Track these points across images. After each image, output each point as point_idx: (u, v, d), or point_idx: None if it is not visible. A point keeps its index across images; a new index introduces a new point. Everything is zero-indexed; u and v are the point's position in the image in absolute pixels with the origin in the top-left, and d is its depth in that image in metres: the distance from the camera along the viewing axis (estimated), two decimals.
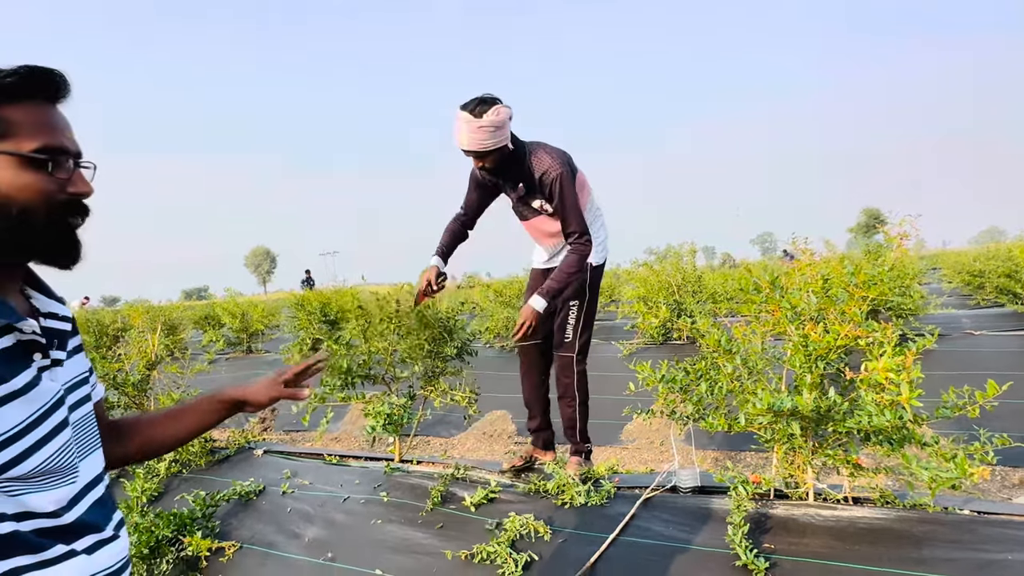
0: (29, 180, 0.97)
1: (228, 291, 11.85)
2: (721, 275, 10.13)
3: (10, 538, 0.94)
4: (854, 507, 2.36)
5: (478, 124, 2.88)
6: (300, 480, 3.36)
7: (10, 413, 0.93)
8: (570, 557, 2.45)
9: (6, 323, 0.96)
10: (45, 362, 1.03)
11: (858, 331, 2.25)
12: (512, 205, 3.35)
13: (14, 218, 0.97)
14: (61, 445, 1.01)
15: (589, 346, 3.36)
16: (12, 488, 0.94)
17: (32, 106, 0.99)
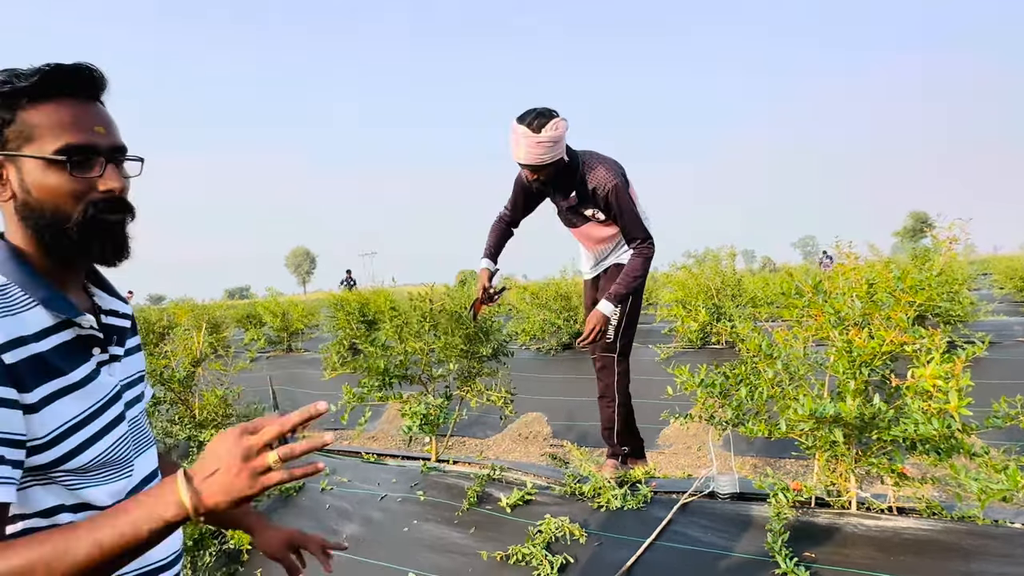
0: (55, 182, 0.98)
1: (269, 290, 12.09)
2: (761, 279, 9.97)
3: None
4: (899, 517, 2.30)
5: (536, 139, 2.88)
6: (338, 477, 3.41)
7: (68, 406, 0.96)
8: (606, 561, 2.44)
9: (65, 318, 0.99)
10: (103, 357, 1.06)
11: (904, 337, 2.19)
12: (559, 212, 3.38)
13: (47, 220, 0.99)
14: (117, 439, 1.05)
15: (631, 348, 3.36)
16: (71, 481, 0.98)
17: (55, 106, 0.99)
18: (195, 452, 3.97)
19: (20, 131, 0.97)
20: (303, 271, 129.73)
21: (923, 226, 73.74)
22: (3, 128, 0.97)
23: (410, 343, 3.53)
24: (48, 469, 0.95)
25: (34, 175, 0.98)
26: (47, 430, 0.93)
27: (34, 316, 0.96)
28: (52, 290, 0.99)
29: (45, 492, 0.95)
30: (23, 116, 0.97)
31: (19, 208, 0.99)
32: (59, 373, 0.96)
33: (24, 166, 0.98)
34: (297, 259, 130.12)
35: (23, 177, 0.98)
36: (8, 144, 0.97)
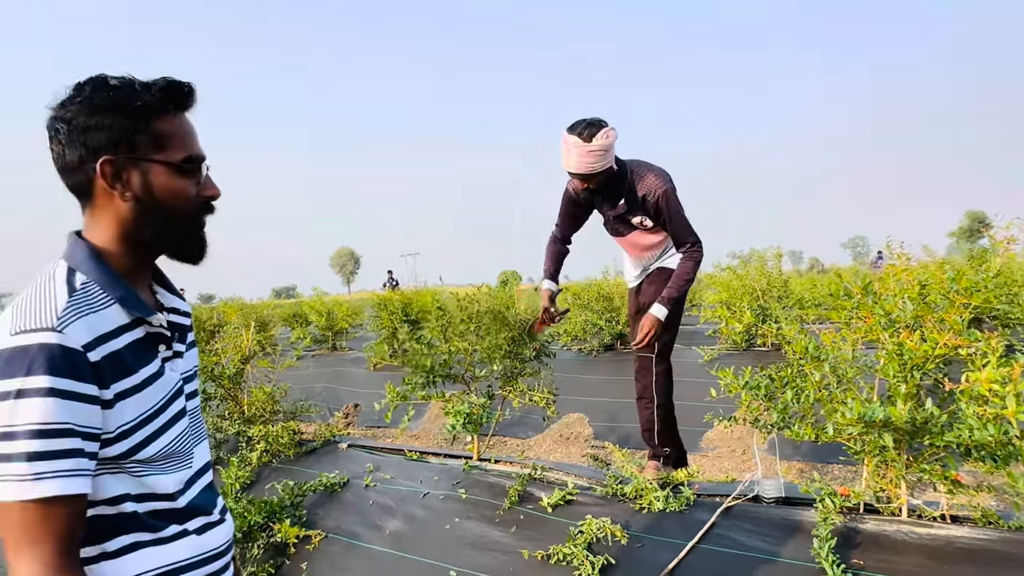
0: (178, 186, 1.08)
1: (315, 290, 12.33)
2: (809, 280, 9.77)
3: (131, 517, 1.03)
4: (952, 526, 2.23)
5: (588, 148, 2.92)
6: (382, 474, 3.46)
7: (140, 400, 1.02)
8: (647, 562, 2.43)
9: (137, 316, 1.05)
10: (167, 353, 1.12)
11: (959, 340, 2.12)
12: (605, 222, 3.43)
13: (164, 220, 1.08)
14: (180, 431, 1.11)
15: (670, 349, 3.34)
16: (139, 470, 1.04)
17: (173, 117, 1.09)
18: (244, 447, 4.08)
19: (151, 139, 1.05)
20: (347, 271, 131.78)
21: (980, 226, 71.11)
22: (135, 135, 1.04)
23: (454, 343, 3.56)
24: (118, 460, 1.01)
25: (160, 179, 1.07)
26: (118, 424, 0.99)
27: (112, 314, 1.01)
28: (128, 289, 1.05)
29: (114, 480, 1.01)
30: (154, 125, 1.06)
31: (136, 208, 1.06)
32: (131, 370, 1.02)
33: (151, 170, 1.06)
34: (341, 259, 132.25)
35: (149, 180, 1.06)
36: (139, 149, 1.05)
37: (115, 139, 1.03)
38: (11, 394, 0.89)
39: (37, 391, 0.89)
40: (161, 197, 1.07)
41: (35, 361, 0.90)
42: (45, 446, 0.90)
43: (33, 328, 0.93)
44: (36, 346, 0.91)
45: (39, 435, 0.89)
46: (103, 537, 1.01)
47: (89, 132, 1.02)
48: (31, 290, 0.99)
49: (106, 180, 1.04)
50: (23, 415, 0.89)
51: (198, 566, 1.11)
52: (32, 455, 0.89)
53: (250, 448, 3.99)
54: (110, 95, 1.03)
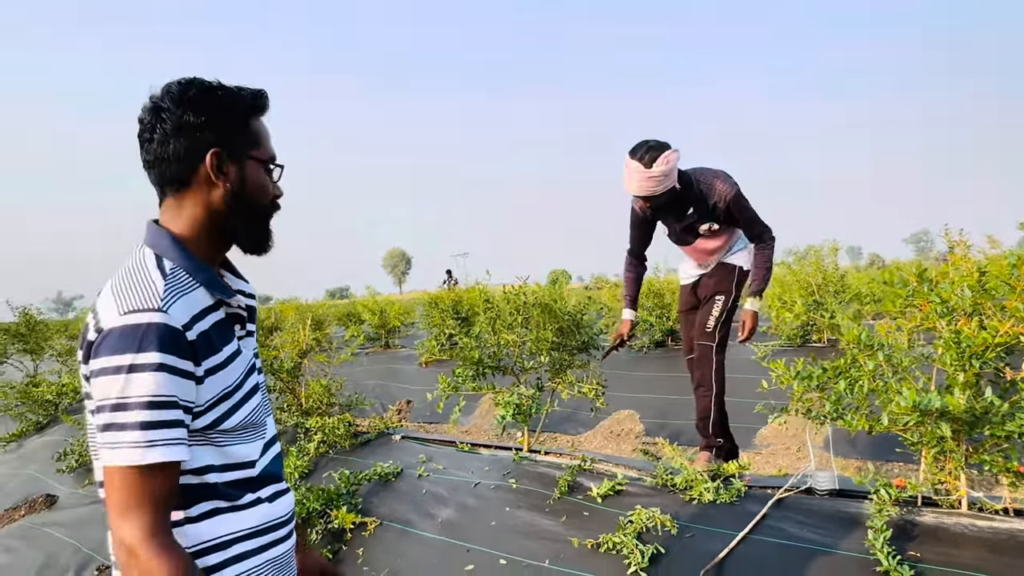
0: (264, 182, 1.22)
1: (368, 289, 12.57)
2: (867, 275, 9.50)
3: (212, 487, 1.12)
4: (1015, 519, 2.17)
5: (648, 174, 3.02)
6: (434, 465, 3.53)
7: (222, 377, 1.12)
8: (698, 552, 2.43)
9: (219, 298, 1.15)
10: (242, 332, 1.22)
11: (1021, 327, 2.07)
12: (670, 233, 3.53)
13: (249, 211, 1.20)
14: (256, 404, 1.20)
15: (728, 340, 3.39)
16: (222, 440, 1.13)
17: (262, 122, 1.23)
18: (302, 438, 4.22)
19: (249, 138, 1.19)
20: (399, 271, 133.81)
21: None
22: (237, 134, 1.17)
23: (503, 335, 3.61)
24: (204, 431, 1.10)
25: (253, 174, 1.20)
26: (205, 398, 1.09)
27: (199, 296, 1.11)
28: (211, 273, 1.15)
29: (201, 451, 1.10)
30: (254, 125, 1.21)
31: (229, 198, 1.18)
32: (217, 348, 1.11)
33: (248, 166, 1.19)
34: (393, 260, 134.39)
35: (245, 174, 1.19)
36: (240, 145, 1.18)
37: (221, 135, 1.15)
38: (124, 368, 0.99)
39: (148, 366, 0.99)
40: (251, 190, 1.19)
41: (145, 338, 1.00)
42: (156, 416, 0.99)
43: (141, 308, 1.02)
44: (145, 324, 1.01)
45: (150, 406, 0.99)
46: (187, 503, 1.10)
47: (199, 128, 1.14)
48: (125, 274, 1.09)
49: (212, 170, 1.15)
50: (136, 387, 0.99)
51: (268, 531, 1.20)
52: (145, 424, 0.98)
53: (308, 439, 4.12)
54: (218, 95, 1.15)
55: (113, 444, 0.98)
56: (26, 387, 6.59)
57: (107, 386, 0.99)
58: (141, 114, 1.15)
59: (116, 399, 0.99)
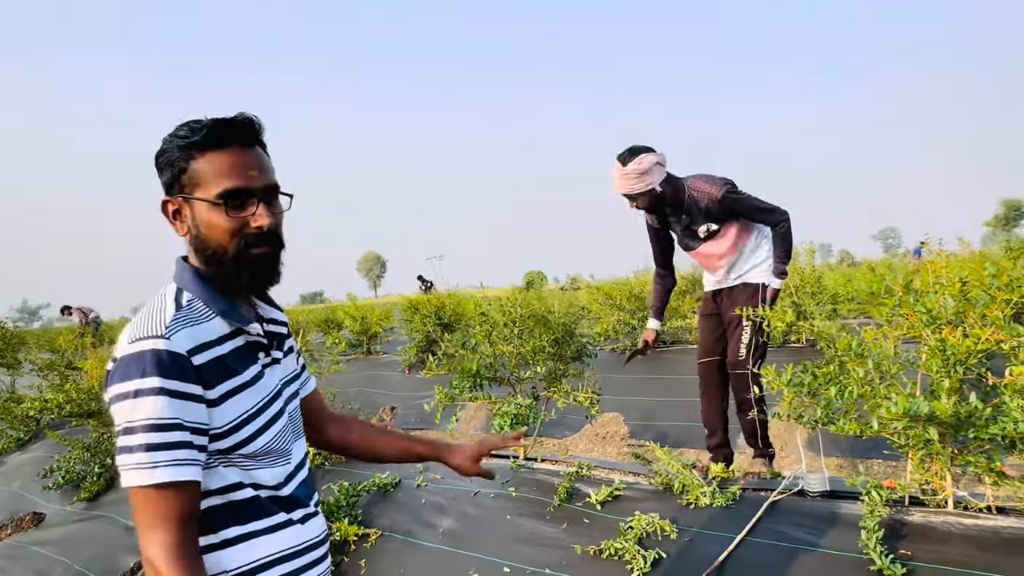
0: (217, 220, 1.17)
1: (349, 296, 12.53)
2: (842, 275, 9.72)
3: (252, 502, 1.18)
4: (999, 517, 2.28)
5: (623, 172, 3.28)
6: (432, 474, 3.58)
7: (242, 401, 1.16)
8: (698, 555, 2.51)
9: (237, 327, 1.19)
10: (267, 360, 1.26)
11: (1001, 335, 2.18)
12: (679, 241, 3.69)
13: (211, 252, 1.19)
14: (279, 430, 1.24)
15: (763, 362, 3.49)
16: (246, 464, 1.18)
17: (219, 155, 1.17)
18: None
19: (192, 178, 1.17)
20: (374, 275, 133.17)
21: (1016, 214, 69.54)
22: (182, 175, 1.18)
23: (499, 346, 3.67)
24: (228, 453, 1.15)
25: (202, 215, 1.18)
26: (225, 421, 1.13)
27: (215, 325, 1.17)
28: (227, 303, 1.20)
29: (228, 472, 1.16)
30: (194, 165, 1.17)
31: (192, 241, 1.21)
32: (235, 373, 1.16)
33: (196, 207, 1.18)
34: (368, 263, 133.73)
35: (195, 216, 1.19)
36: (184, 188, 1.19)
37: (170, 180, 1.19)
38: (130, 394, 1.05)
39: (150, 390, 1.05)
40: (205, 231, 1.18)
41: (148, 364, 1.06)
42: (158, 438, 1.04)
43: (145, 336, 1.08)
44: (148, 351, 1.06)
45: (153, 428, 1.04)
46: (220, 526, 1.15)
47: (161, 172, 1.21)
48: (146, 308, 1.16)
49: (167, 217, 1.22)
50: (140, 411, 1.04)
51: (303, 553, 1.24)
52: (149, 446, 1.04)
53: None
54: (168, 140, 1.19)
55: (124, 466, 1.05)
56: (5, 403, 6.49)
57: (119, 412, 1.06)
58: None
59: (125, 423, 1.05)
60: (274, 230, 1.22)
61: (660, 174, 3.33)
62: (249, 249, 1.19)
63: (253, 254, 1.19)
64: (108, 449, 4.94)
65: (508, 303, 3.73)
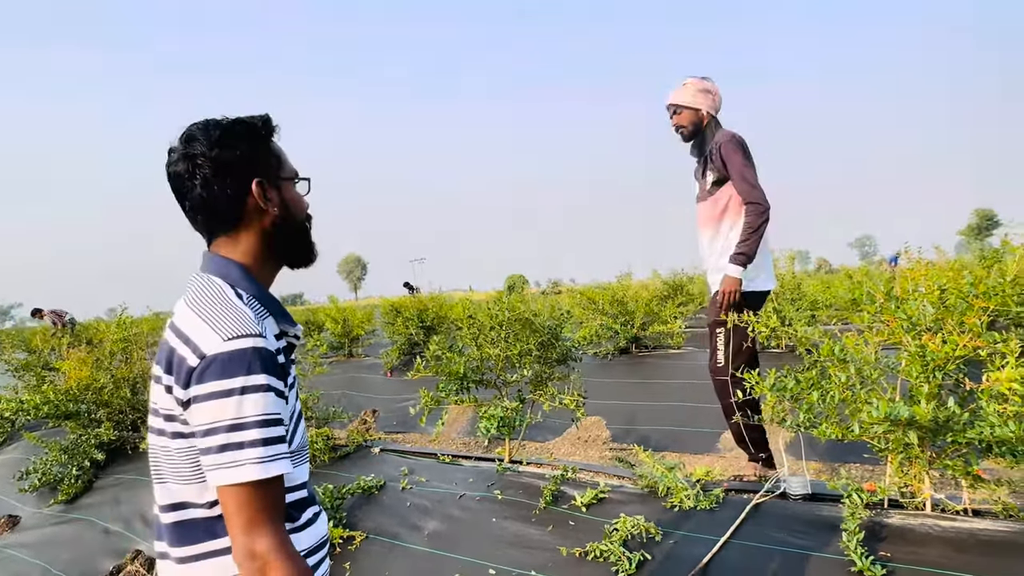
0: (298, 197, 1.30)
1: (331, 298, 12.46)
2: (820, 281, 9.85)
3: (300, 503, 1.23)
4: (975, 519, 2.34)
5: (685, 83, 3.49)
6: (417, 477, 3.58)
7: (292, 398, 1.20)
8: (682, 558, 2.54)
9: (285, 328, 1.24)
10: (291, 359, 1.28)
11: (979, 341, 2.24)
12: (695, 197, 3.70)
13: (295, 228, 1.28)
14: (303, 428, 1.28)
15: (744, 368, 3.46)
16: (294, 459, 1.20)
17: (274, 144, 1.27)
18: None
19: (272, 162, 1.25)
20: (355, 277, 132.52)
21: (989, 224, 70.94)
22: (267, 159, 1.24)
23: (486, 349, 3.68)
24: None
25: (290, 193, 1.28)
26: (286, 417, 1.16)
27: (271, 324, 1.19)
28: (279, 304, 1.23)
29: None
30: (273, 150, 1.26)
31: (278, 221, 1.24)
32: (288, 372, 1.19)
33: (284, 186, 1.27)
34: (349, 266, 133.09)
35: (284, 195, 1.26)
36: (271, 171, 1.24)
37: (258, 165, 1.22)
38: (236, 390, 1.05)
39: (258, 387, 1.06)
40: (294, 209, 1.27)
41: (253, 361, 1.07)
42: (271, 433, 1.06)
43: (243, 334, 1.08)
44: (252, 349, 1.07)
45: (266, 424, 1.06)
46: None
47: (237, 163, 1.19)
48: (211, 303, 1.13)
49: (259, 200, 1.21)
50: (249, 407, 1.05)
51: (318, 550, 1.26)
52: (264, 440, 1.05)
53: None
54: (239, 129, 1.20)
55: (233, 463, 1.04)
56: None
57: (220, 408, 1.05)
58: (172, 167, 1.18)
59: (231, 420, 1.04)
60: None
61: (711, 104, 3.48)
62: (308, 223, 1.34)
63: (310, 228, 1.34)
64: (86, 451, 4.86)
65: (495, 306, 3.74)
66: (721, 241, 3.50)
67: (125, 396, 5.18)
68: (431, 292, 10.73)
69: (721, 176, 3.43)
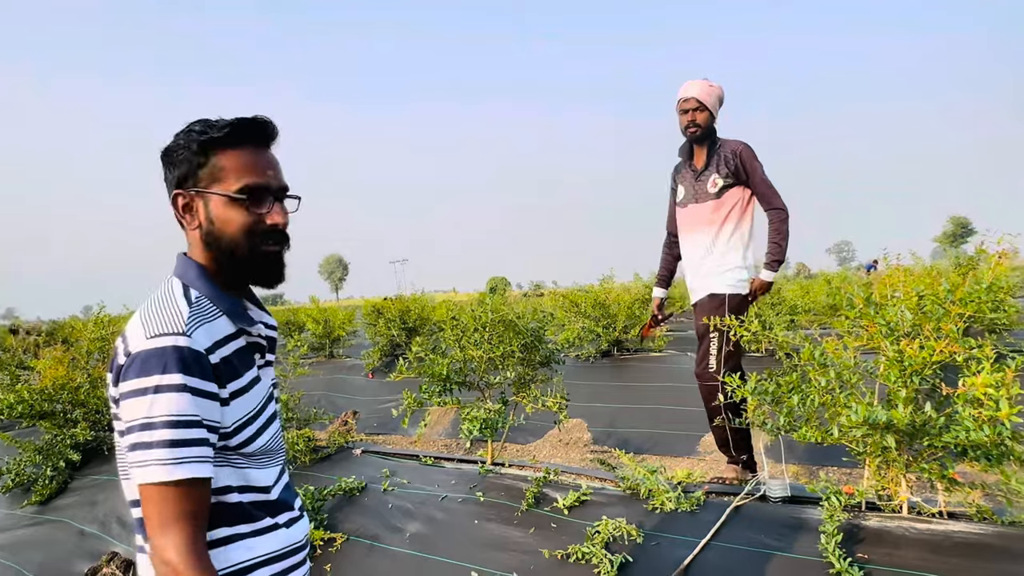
0: (234, 215, 1.19)
1: (312, 298, 12.38)
2: (800, 286, 9.96)
3: (236, 507, 1.17)
4: (950, 521, 2.38)
5: (707, 83, 3.57)
6: (398, 479, 3.57)
7: (246, 400, 1.17)
8: (663, 559, 2.55)
9: (240, 327, 1.20)
10: (262, 361, 1.27)
11: (955, 347, 2.28)
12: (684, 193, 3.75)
13: (224, 246, 1.20)
14: (274, 431, 1.26)
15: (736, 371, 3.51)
16: (242, 463, 1.18)
17: (239, 152, 1.20)
18: None
19: (211, 172, 1.19)
20: (336, 278, 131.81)
21: (964, 231, 72.24)
22: (199, 169, 1.19)
23: (469, 351, 3.68)
24: (228, 452, 1.15)
25: (218, 209, 1.19)
26: (231, 420, 1.14)
27: (222, 324, 1.17)
28: (233, 303, 1.21)
29: (221, 472, 1.15)
30: (214, 160, 1.19)
31: (204, 236, 1.20)
32: (239, 374, 1.17)
33: (211, 201, 1.19)
34: (330, 266, 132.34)
35: (209, 210, 1.19)
36: (200, 183, 1.19)
37: (184, 174, 1.19)
38: (150, 389, 1.04)
39: (171, 386, 1.04)
40: (219, 225, 1.19)
41: (169, 360, 1.05)
42: (181, 434, 1.03)
43: (166, 332, 1.07)
44: (170, 348, 1.06)
45: (175, 425, 1.03)
46: (210, 526, 1.13)
47: (169, 173, 1.21)
48: (153, 302, 1.14)
49: (177, 211, 1.21)
50: (160, 407, 1.03)
51: (285, 557, 1.24)
52: (171, 442, 1.03)
53: None
54: (185, 136, 1.19)
55: (142, 462, 1.03)
56: None
57: (135, 407, 1.04)
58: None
59: (143, 419, 1.04)
60: (285, 229, 1.25)
61: (719, 108, 3.60)
62: (261, 246, 1.21)
63: (265, 251, 1.22)
64: (61, 451, 4.78)
65: (478, 308, 3.74)
66: (721, 245, 3.58)
67: (102, 396, 5.10)
68: (412, 294, 10.68)
69: (731, 181, 3.52)
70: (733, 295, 3.54)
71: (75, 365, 5.24)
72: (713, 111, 3.56)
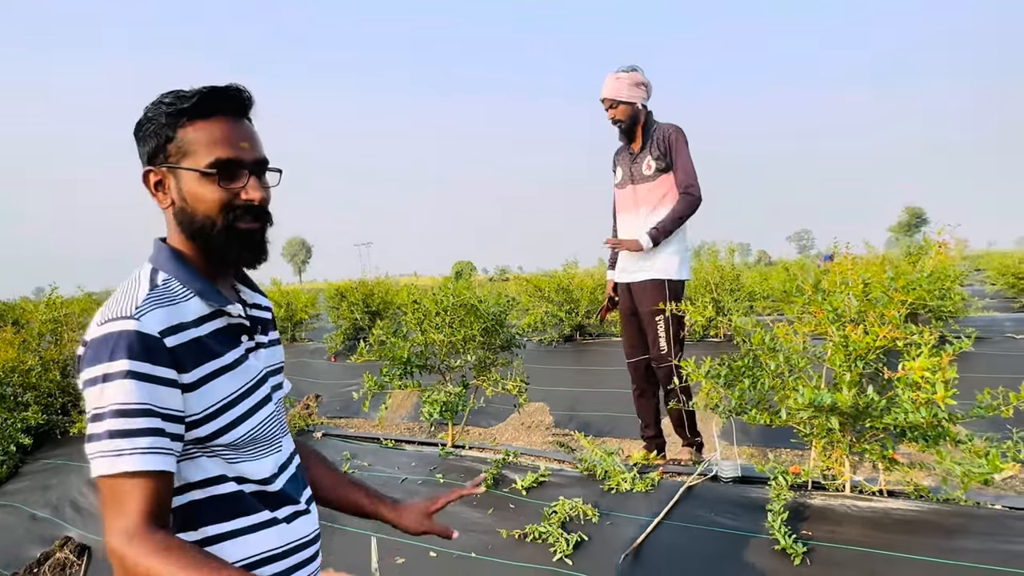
0: (206, 191, 1.11)
1: (274, 281, 12.22)
2: (759, 273, 10.17)
3: (231, 499, 1.11)
4: (889, 499, 2.49)
5: (616, 76, 3.57)
6: (359, 462, 3.58)
7: (223, 384, 1.11)
8: (618, 538, 2.62)
9: (217, 307, 1.13)
10: (250, 344, 1.20)
11: (897, 332, 2.37)
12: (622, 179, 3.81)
13: (198, 224, 1.13)
14: (266, 417, 1.19)
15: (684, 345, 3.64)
16: (229, 455, 1.12)
17: (210, 124, 1.12)
18: None
19: (179, 147, 1.11)
20: (299, 260, 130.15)
21: (918, 221, 74.28)
22: (166, 144, 1.12)
23: (430, 334, 3.70)
24: (207, 442, 1.08)
25: (189, 186, 1.12)
26: (203, 406, 1.07)
27: (192, 306, 1.10)
28: (206, 283, 1.13)
29: (210, 463, 1.09)
30: (182, 133, 1.11)
31: (176, 214, 1.14)
32: (215, 355, 1.10)
33: (182, 177, 1.12)
34: (293, 249, 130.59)
35: (181, 187, 1.12)
36: (170, 158, 1.12)
37: (154, 149, 1.13)
38: (99, 378, 0.99)
39: (118, 374, 0.98)
40: (191, 202, 1.11)
41: (116, 346, 0.99)
42: (124, 424, 0.97)
43: (114, 317, 1.02)
44: (116, 333, 1.00)
45: (119, 414, 0.97)
46: (201, 522, 1.08)
47: (141, 144, 1.15)
48: (120, 289, 1.09)
49: (149, 189, 1.15)
50: (108, 396, 0.98)
51: (289, 554, 1.16)
52: (113, 433, 0.97)
53: None
54: (153, 108, 1.13)
55: (91, 455, 0.98)
56: None
57: (89, 397, 0.99)
58: None
59: (93, 410, 0.98)
60: (264, 205, 1.17)
61: (645, 96, 3.63)
62: (237, 223, 1.13)
63: (242, 228, 1.14)
64: (12, 435, 4.68)
65: (440, 292, 3.76)
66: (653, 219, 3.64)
67: (54, 379, 5.00)
68: (376, 277, 10.62)
69: (664, 164, 3.58)
70: (673, 280, 3.60)
71: (26, 347, 5.11)
72: (631, 100, 3.59)
